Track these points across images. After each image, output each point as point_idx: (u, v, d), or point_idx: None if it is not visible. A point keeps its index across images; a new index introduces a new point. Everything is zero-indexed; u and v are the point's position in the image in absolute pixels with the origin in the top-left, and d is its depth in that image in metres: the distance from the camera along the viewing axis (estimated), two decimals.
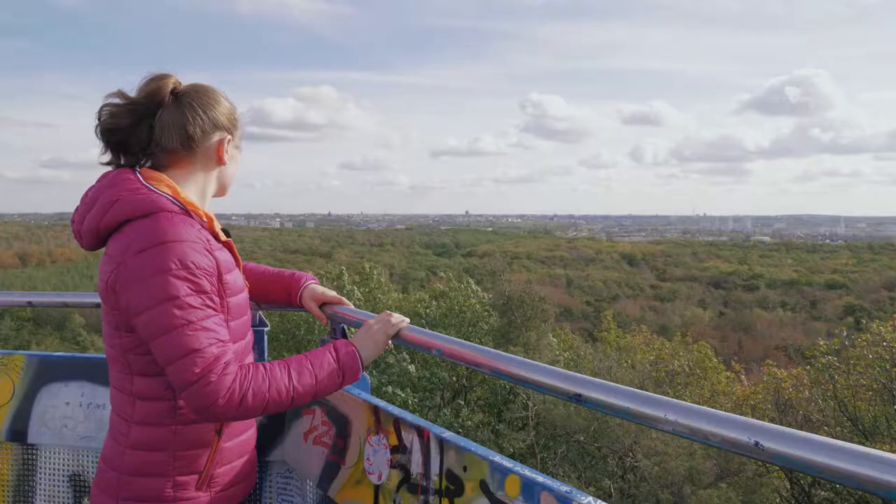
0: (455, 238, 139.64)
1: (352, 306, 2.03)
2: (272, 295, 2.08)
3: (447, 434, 1.57)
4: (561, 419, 18.35)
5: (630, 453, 18.38)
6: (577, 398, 1.22)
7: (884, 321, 15.48)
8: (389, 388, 17.89)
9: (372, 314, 1.86)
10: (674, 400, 1.09)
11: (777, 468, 14.03)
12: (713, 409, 1.04)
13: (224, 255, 1.63)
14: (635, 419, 1.14)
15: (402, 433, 1.69)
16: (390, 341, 1.77)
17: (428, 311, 20.68)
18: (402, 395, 17.78)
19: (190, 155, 1.66)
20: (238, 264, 1.75)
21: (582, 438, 18.81)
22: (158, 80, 1.63)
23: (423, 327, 1.82)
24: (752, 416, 16.46)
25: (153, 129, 1.62)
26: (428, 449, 1.60)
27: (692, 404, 1.07)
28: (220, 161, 1.70)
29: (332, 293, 2.07)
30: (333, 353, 1.64)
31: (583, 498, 1.22)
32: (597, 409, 1.20)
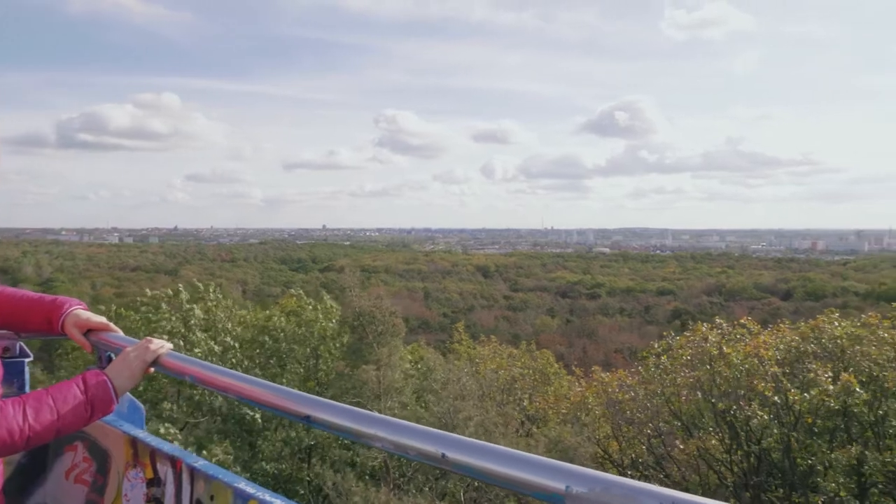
0: (312, 252, 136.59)
1: (120, 333, 1.93)
2: (31, 323, 1.93)
3: (199, 463, 1.53)
4: None
5: None
6: (307, 419, 1.24)
7: (702, 322, 17.22)
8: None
9: (135, 340, 1.77)
10: (387, 418, 1.13)
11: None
12: (413, 424, 1.08)
13: None
14: (358, 439, 1.17)
15: (158, 465, 1.63)
16: (151, 368, 1.70)
17: (280, 329, 19.73)
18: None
19: None
20: None
21: None
22: None
23: (270, 348, 1.76)
24: (587, 417, 17.62)
25: None
26: (181, 480, 1.55)
27: (400, 421, 1.11)
28: None
29: (99, 319, 1.95)
30: (81, 385, 1.54)
31: None
32: (324, 430, 1.22)
